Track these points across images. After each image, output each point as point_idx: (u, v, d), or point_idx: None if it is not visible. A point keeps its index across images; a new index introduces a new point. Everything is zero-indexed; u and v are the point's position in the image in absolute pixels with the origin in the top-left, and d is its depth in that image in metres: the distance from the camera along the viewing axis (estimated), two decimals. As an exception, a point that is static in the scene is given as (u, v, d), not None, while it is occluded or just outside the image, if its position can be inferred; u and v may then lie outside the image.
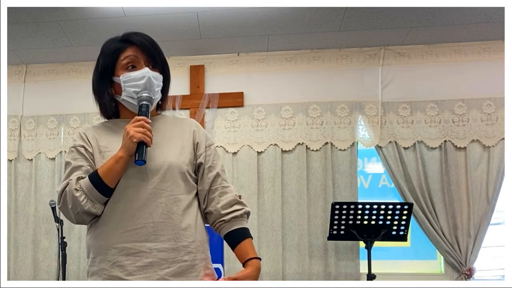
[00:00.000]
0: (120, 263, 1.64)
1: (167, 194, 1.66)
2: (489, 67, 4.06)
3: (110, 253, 1.65)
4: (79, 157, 1.72)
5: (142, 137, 1.61)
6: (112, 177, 1.64)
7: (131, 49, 1.75)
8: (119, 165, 1.63)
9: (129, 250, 1.63)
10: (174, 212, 1.65)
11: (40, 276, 4.24)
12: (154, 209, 1.64)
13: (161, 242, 1.63)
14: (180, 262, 1.64)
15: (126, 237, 1.64)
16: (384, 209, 3.59)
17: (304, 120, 4.18)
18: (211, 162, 1.77)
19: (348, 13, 3.68)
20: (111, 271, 1.65)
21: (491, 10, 3.64)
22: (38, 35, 3.99)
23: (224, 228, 1.74)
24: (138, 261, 1.62)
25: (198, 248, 1.68)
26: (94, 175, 1.65)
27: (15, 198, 4.37)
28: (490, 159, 3.98)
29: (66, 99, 4.46)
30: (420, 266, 4.26)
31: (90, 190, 1.64)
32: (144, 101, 1.70)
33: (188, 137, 1.77)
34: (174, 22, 3.81)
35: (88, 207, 1.65)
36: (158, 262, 1.62)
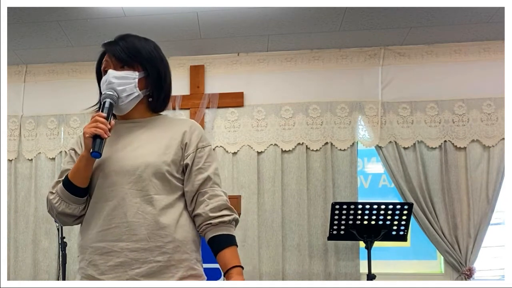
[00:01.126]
0: (94, 262, 1.65)
1: (143, 194, 1.65)
2: (489, 67, 4.06)
3: (87, 252, 1.68)
4: (69, 161, 1.78)
5: (93, 131, 1.63)
6: (78, 176, 1.67)
7: (107, 55, 1.80)
8: (82, 164, 1.66)
9: (102, 250, 1.64)
10: (148, 212, 1.64)
11: (40, 276, 4.24)
12: (129, 209, 1.64)
13: (133, 241, 1.63)
14: (152, 263, 1.62)
15: (100, 236, 1.65)
16: (384, 209, 3.59)
17: (304, 120, 4.18)
18: (201, 164, 1.73)
19: (348, 13, 3.68)
20: (87, 270, 1.67)
21: (491, 10, 3.64)
22: (38, 35, 3.99)
23: (210, 231, 1.69)
24: (110, 261, 1.63)
25: (177, 248, 1.65)
26: (66, 177, 1.70)
27: (15, 198, 4.37)
28: (490, 159, 3.98)
29: (66, 99, 4.46)
30: (420, 266, 4.26)
31: (62, 192, 1.69)
32: (106, 98, 1.72)
33: (177, 137, 1.74)
34: (174, 22, 3.81)
35: (62, 208, 1.70)
36: (129, 262, 1.62)
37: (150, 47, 1.81)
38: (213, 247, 1.69)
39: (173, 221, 1.67)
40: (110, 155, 1.70)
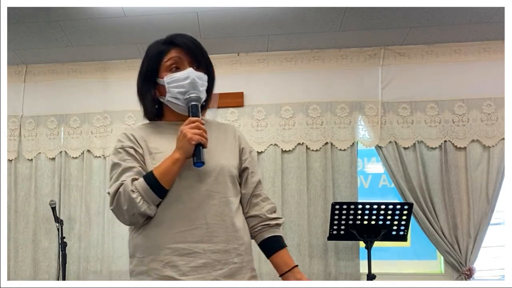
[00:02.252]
0: (173, 263, 1.63)
1: (220, 196, 1.68)
2: (489, 67, 4.06)
3: (163, 253, 1.64)
4: (128, 158, 1.72)
5: (200, 139, 1.62)
6: (169, 178, 1.64)
7: (175, 51, 1.76)
8: (176, 167, 1.63)
9: (183, 251, 1.64)
10: (226, 214, 1.68)
11: (40, 276, 4.24)
12: (208, 211, 1.66)
13: (214, 243, 1.65)
14: (231, 264, 1.67)
15: (180, 237, 1.64)
16: (384, 209, 3.59)
17: (304, 120, 4.18)
18: (253, 168, 1.82)
19: (348, 13, 3.68)
20: (163, 271, 1.64)
21: (491, 10, 3.64)
22: (38, 35, 3.99)
23: (266, 232, 1.79)
24: (192, 262, 1.63)
25: (246, 250, 1.73)
26: (150, 176, 1.64)
27: (15, 198, 4.37)
28: (490, 159, 3.98)
29: (66, 99, 4.46)
30: (420, 266, 4.26)
31: (146, 192, 1.63)
32: (193, 102, 1.70)
33: (234, 142, 1.81)
34: (174, 22, 3.81)
35: (144, 208, 1.64)
36: (212, 263, 1.64)
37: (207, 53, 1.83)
38: (269, 246, 1.79)
39: (242, 224, 1.74)
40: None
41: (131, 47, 4.20)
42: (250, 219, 1.79)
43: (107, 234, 4.20)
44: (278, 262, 1.76)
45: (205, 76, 1.76)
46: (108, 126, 4.36)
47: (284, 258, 1.76)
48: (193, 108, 1.69)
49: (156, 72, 1.76)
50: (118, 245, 4.18)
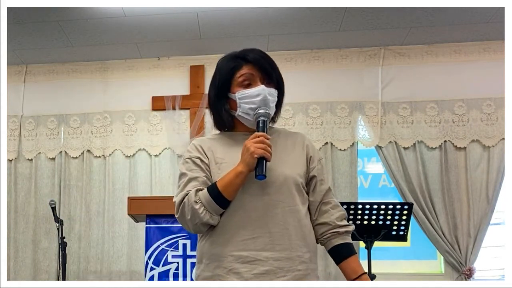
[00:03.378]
0: (236, 270, 1.68)
1: (283, 206, 1.71)
2: (489, 67, 4.06)
3: (226, 260, 1.69)
4: (195, 168, 1.77)
5: (263, 153, 1.65)
6: (231, 191, 1.69)
7: (247, 67, 1.79)
8: (239, 180, 1.68)
9: (246, 258, 1.68)
10: (289, 223, 1.71)
11: (40, 276, 4.24)
12: (271, 220, 1.69)
13: (277, 251, 1.68)
14: (294, 271, 1.69)
15: (243, 245, 1.68)
16: (384, 209, 3.58)
17: (304, 120, 4.18)
18: (322, 176, 1.84)
19: (348, 13, 3.68)
20: (227, 278, 1.69)
21: (491, 10, 3.64)
22: (38, 35, 3.99)
23: (336, 239, 1.80)
24: (255, 269, 1.67)
25: (311, 258, 1.75)
26: (213, 188, 1.70)
27: (15, 198, 4.37)
28: (490, 159, 3.98)
29: (66, 99, 4.46)
30: (420, 266, 4.26)
31: (209, 203, 1.69)
32: (262, 117, 1.74)
33: (301, 151, 1.82)
34: (174, 22, 3.81)
35: (207, 218, 1.70)
36: (274, 270, 1.67)
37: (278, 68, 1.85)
38: (338, 254, 1.80)
39: (307, 232, 1.76)
40: None
41: (131, 47, 4.20)
42: (319, 227, 1.81)
43: (107, 234, 4.20)
44: (347, 269, 1.79)
45: (276, 92, 1.80)
46: (108, 126, 4.36)
47: (352, 265, 1.78)
48: (260, 123, 1.74)
49: (229, 87, 1.81)
50: (118, 245, 4.18)
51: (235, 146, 1.77)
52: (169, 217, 2.96)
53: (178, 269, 2.95)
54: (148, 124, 4.34)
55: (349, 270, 1.78)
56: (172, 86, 4.34)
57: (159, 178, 4.24)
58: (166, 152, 4.29)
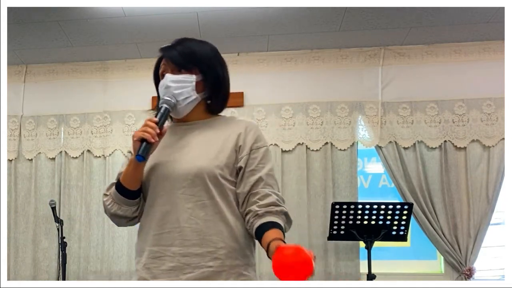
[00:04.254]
0: (148, 265, 1.68)
1: (195, 200, 1.65)
2: (489, 67, 4.06)
3: (144, 256, 1.70)
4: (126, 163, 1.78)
5: (141, 134, 1.63)
6: (128, 179, 1.69)
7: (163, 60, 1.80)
8: (130, 167, 1.68)
9: (155, 254, 1.66)
10: (201, 218, 1.65)
11: (40, 276, 4.24)
12: (181, 214, 1.65)
13: (185, 247, 1.63)
14: (203, 268, 1.62)
15: (155, 240, 1.67)
16: (384, 209, 3.59)
17: (304, 120, 4.18)
18: (254, 166, 1.71)
19: (348, 13, 3.68)
20: (142, 273, 1.69)
21: (491, 10, 3.64)
22: (38, 35, 3.99)
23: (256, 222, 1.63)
24: (163, 265, 1.65)
25: (229, 254, 1.65)
26: (118, 179, 1.74)
27: (15, 198, 4.37)
28: (490, 159, 3.98)
29: (66, 99, 4.46)
30: (420, 266, 4.26)
31: (114, 194, 1.73)
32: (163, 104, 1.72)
33: (231, 140, 1.73)
34: (174, 22, 3.81)
35: (114, 210, 1.73)
36: (181, 266, 1.63)
37: (206, 50, 1.81)
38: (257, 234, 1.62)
39: (225, 227, 1.66)
40: (164, 158, 1.71)
41: (131, 47, 4.19)
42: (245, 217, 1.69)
43: (107, 234, 4.20)
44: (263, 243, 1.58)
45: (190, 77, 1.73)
46: (108, 126, 4.36)
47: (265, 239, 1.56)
48: (157, 109, 1.73)
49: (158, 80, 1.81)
50: (118, 245, 4.18)
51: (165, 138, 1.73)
52: (169, 217, 2.96)
53: (178, 269, 2.94)
54: (148, 124, 4.33)
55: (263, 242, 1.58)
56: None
57: (159, 178, 4.24)
58: (166, 152, 4.28)
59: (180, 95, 1.72)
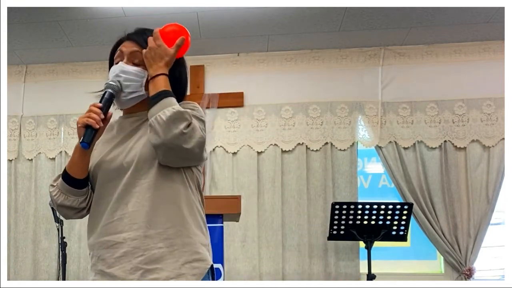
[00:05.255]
0: (102, 256, 1.64)
1: (141, 183, 1.63)
2: (489, 67, 4.06)
3: (95, 248, 1.67)
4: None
5: (86, 120, 1.62)
6: (74, 167, 1.67)
7: (122, 45, 1.74)
8: (76, 155, 1.66)
9: (108, 243, 1.63)
10: (147, 199, 1.61)
11: (40, 276, 4.24)
12: (129, 199, 1.62)
13: (134, 230, 1.60)
14: (154, 249, 1.58)
15: (105, 230, 1.64)
16: (384, 209, 3.59)
17: (304, 120, 4.18)
18: None
19: (348, 13, 3.68)
20: (97, 266, 1.65)
21: (491, 10, 3.64)
22: (38, 35, 3.99)
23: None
24: (116, 253, 1.61)
25: (178, 233, 1.61)
26: (64, 169, 1.71)
27: (15, 198, 4.37)
28: (490, 159, 3.98)
29: (66, 99, 4.45)
30: (420, 266, 4.26)
31: (61, 184, 1.70)
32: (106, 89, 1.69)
33: None
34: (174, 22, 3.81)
35: (61, 200, 1.70)
36: (131, 251, 1.59)
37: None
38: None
39: (173, 206, 1.63)
40: (109, 150, 1.69)
41: (131, 47, 4.19)
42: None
43: (107, 234, 4.19)
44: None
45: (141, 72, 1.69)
46: (108, 126, 4.36)
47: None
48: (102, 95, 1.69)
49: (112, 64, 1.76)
50: (118, 245, 4.17)
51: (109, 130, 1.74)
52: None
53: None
54: (148, 124, 4.33)
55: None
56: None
57: (159, 178, 4.24)
58: (166, 152, 4.28)
59: (127, 87, 1.69)
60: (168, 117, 1.55)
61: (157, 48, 1.65)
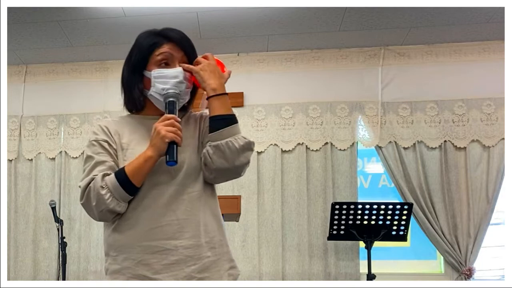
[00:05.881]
0: (146, 261, 1.61)
1: (190, 191, 1.65)
2: (489, 67, 4.06)
3: (135, 252, 1.62)
4: (102, 152, 1.70)
5: (174, 137, 1.58)
6: (140, 176, 1.60)
7: (168, 46, 1.72)
8: (148, 165, 1.60)
9: (154, 248, 1.61)
10: (196, 208, 1.64)
11: (40, 276, 4.24)
12: (178, 206, 1.63)
13: (186, 239, 1.62)
14: (204, 259, 1.63)
15: (151, 235, 1.62)
16: (384, 209, 3.59)
17: (304, 120, 4.18)
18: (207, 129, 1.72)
19: (348, 13, 3.68)
20: (136, 270, 1.62)
21: (491, 10, 3.64)
22: (38, 35, 4.00)
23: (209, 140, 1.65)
24: (165, 259, 1.61)
25: (220, 242, 1.68)
26: (121, 173, 1.61)
27: (15, 198, 4.37)
28: (490, 159, 3.98)
29: (66, 99, 4.46)
30: (420, 266, 4.26)
31: (116, 189, 1.60)
32: (170, 98, 1.66)
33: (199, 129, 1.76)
34: (174, 22, 3.79)
35: (113, 205, 1.61)
36: (184, 259, 1.61)
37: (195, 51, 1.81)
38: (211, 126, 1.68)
39: (213, 215, 1.69)
40: None
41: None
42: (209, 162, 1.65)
43: (107, 234, 4.19)
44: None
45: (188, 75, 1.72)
46: (108, 126, 4.36)
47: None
48: (170, 104, 1.65)
49: (145, 64, 1.72)
50: (118, 245, 4.17)
51: (142, 131, 1.70)
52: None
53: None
54: (148, 124, 4.33)
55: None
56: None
57: (159, 178, 4.24)
58: (166, 152, 4.28)
59: (185, 94, 1.71)
60: (241, 146, 1.62)
61: (215, 66, 1.72)
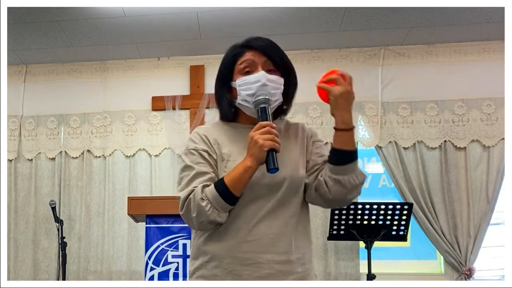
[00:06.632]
0: (237, 272, 1.62)
1: (287, 207, 1.66)
2: (489, 67, 4.06)
3: (226, 261, 1.63)
4: (202, 162, 1.69)
5: (272, 144, 1.56)
6: (240, 187, 1.60)
7: (249, 54, 1.74)
8: (247, 175, 1.59)
9: (247, 261, 1.62)
10: (291, 225, 1.65)
11: (40, 276, 4.24)
12: (273, 221, 1.63)
13: (278, 254, 1.63)
14: (294, 274, 1.64)
15: (245, 247, 1.62)
16: (384, 209, 3.59)
17: (304, 120, 4.18)
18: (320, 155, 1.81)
19: (348, 13, 3.68)
20: (226, 279, 1.63)
21: (491, 10, 3.64)
22: (38, 35, 4.00)
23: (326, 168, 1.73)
24: (256, 272, 1.62)
25: (309, 258, 1.70)
26: (220, 184, 1.61)
27: (15, 198, 4.37)
28: (490, 159, 3.98)
29: (66, 99, 4.46)
30: (420, 266, 4.26)
31: (216, 199, 1.60)
32: (262, 104, 1.64)
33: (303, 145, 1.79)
34: (174, 22, 3.81)
35: (214, 216, 1.61)
36: (275, 273, 1.62)
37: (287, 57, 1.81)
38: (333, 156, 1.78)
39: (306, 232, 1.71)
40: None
41: (131, 47, 4.20)
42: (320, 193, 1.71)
43: (107, 234, 4.20)
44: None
45: (280, 79, 1.72)
46: (108, 126, 4.36)
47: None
48: (262, 111, 1.64)
49: (231, 75, 1.75)
50: (118, 245, 4.18)
51: (240, 140, 1.69)
52: (169, 217, 2.96)
53: (178, 269, 2.95)
54: (148, 124, 4.34)
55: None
56: (172, 86, 4.34)
57: (159, 178, 4.24)
58: (166, 152, 4.29)
59: (274, 96, 1.70)
60: (360, 182, 1.71)
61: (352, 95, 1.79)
